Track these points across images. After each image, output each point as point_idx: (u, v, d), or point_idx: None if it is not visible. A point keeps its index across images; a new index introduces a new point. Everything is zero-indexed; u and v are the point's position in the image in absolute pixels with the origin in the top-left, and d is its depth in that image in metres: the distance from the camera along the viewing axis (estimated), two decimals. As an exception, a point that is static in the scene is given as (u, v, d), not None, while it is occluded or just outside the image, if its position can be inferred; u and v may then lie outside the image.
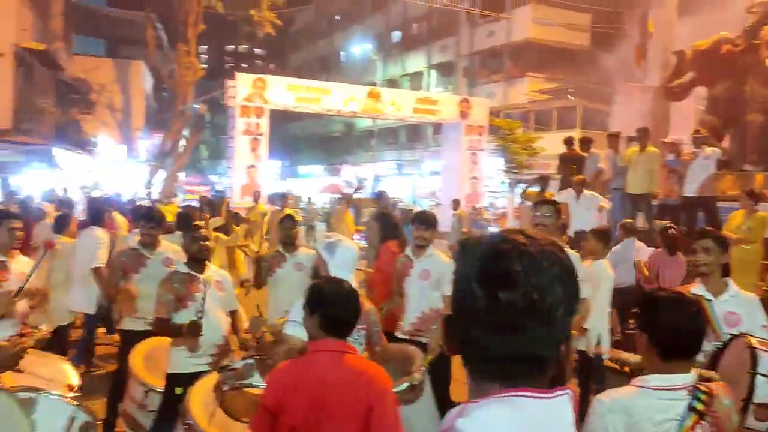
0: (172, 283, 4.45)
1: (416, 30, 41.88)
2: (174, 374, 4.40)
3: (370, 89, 24.06)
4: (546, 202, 5.00)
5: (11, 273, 4.54)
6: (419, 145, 39.95)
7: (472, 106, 25.22)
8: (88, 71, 29.58)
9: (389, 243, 6.31)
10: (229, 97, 21.46)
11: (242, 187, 20.76)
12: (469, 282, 1.12)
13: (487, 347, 1.11)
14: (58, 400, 3.03)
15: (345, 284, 2.89)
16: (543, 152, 25.31)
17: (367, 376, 2.63)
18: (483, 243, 1.16)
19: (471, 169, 25.16)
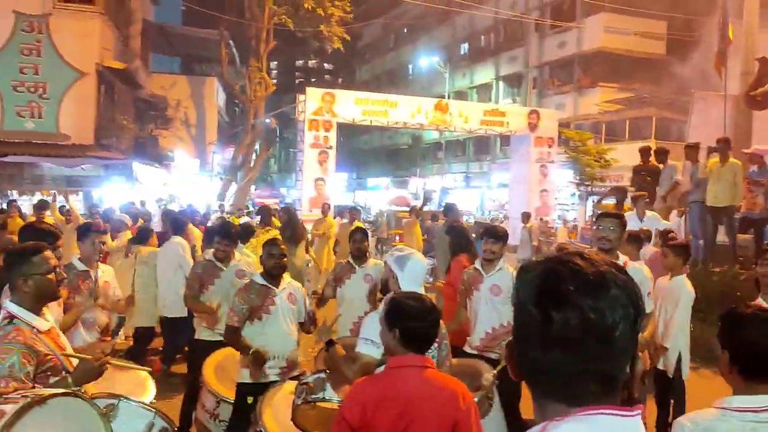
0: (248, 294, 4.53)
1: (484, 42, 41.71)
2: (245, 383, 4.47)
3: (437, 101, 24.06)
4: (609, 215, 4.85)
5: (93, 282, 4.74)
6: (487, 157, 39.64)
7: (541, 117, 24.88)
8: (165, 88, 30.74)
9: (460, 257, 6.25)
10: (299, 111, 21.88)
11: (310, 199, 21.07)
12: (525, 303, 1.15)
13: (547, 366, 1.13)
14: (137, 407, 3.12)
15: (425, 299, 2.87)
16: (616, 164, 24.67)
17: (451, 391, 2.63)
18: (538, 265, 1.18)
19: (540, 182, 24.79)
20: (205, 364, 4.92)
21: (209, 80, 33.41)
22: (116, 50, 24.07)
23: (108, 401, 2.96)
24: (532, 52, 36.55)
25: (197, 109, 32.45)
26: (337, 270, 6.16)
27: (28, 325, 2.88)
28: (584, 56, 33.19)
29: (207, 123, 32.93)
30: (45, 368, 2.83)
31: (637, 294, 1.13)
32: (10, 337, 2.78)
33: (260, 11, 26.94)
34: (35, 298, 2.95)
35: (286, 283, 4.67)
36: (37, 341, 2.85)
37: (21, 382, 2.66)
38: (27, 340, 2.80)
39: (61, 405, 2.30)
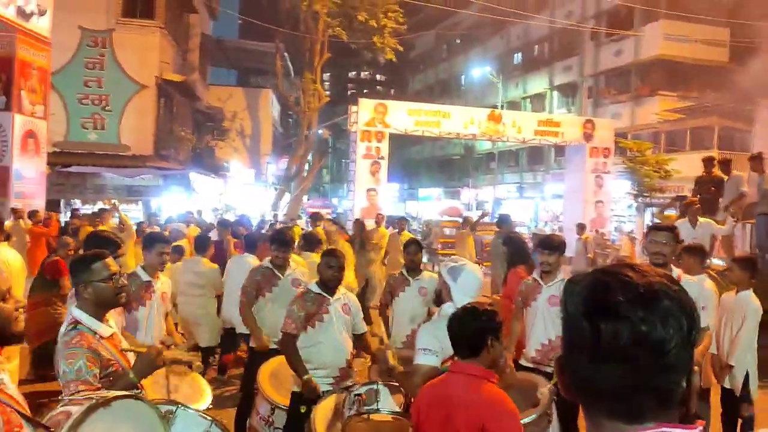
0: (304, 302, 4.55)
1: (538, 51, 41.30)
2: (299, 393, 4.49)
3: (490, 111, 23.90)
4: (661, 228, 4.70)
5: (155, 293, 4.85)
6: (541, 168, 39.15)
7: (596, 127, 24.44)
8: (221, 100, 31.46)
9: (518, 268, 6.16)
10: (352, 122, 22.05)
11: (362, 210, 21.14)
12: (574, 316, 1.12)
13: (599, 382, 1.09)
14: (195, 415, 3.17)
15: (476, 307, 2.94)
16: (677, 174, 24.02)
17: (484, 396, 2.70)
18: (586, 276, 1.15)
19: (596, 193, 24.31)
20: (261, 371, 4.96)
21: (264, 92, 34.04)
22: (175, 63, 24.76)
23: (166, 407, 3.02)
24: (588, 60, 36.00)
25: (253, 121, 33.08)
26: (391, 282, 6.15)
27: (91, 331, 2.96)
28: (642, 64, 32.48)
29: (262, 134, 33.52)
30: (107, 373, 2.91)
31: (691, 306, 1.10)
32: (74, 342, 2.87)
33: (315, 24, 27.33)
34: (95, 305, 3.03)
35: (341, 293, 4.68)
36: (100, 347, 2.93)
37: (89, 384, 2.75)
38: (91, 345, 2.89)
39: (124, 406, 2.36)
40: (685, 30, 30.37)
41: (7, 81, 12.96)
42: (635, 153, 24.79)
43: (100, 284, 3.03)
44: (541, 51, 40.96)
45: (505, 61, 43.01)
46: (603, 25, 34.22)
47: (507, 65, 42.72)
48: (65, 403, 2.25)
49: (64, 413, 2.15)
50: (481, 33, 44.68)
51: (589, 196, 24.12)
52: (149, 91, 22.64)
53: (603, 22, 34.50)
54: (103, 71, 22.20)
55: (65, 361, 2.81)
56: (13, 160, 12.91)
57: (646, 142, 26.68)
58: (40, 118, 13.97)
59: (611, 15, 34.12)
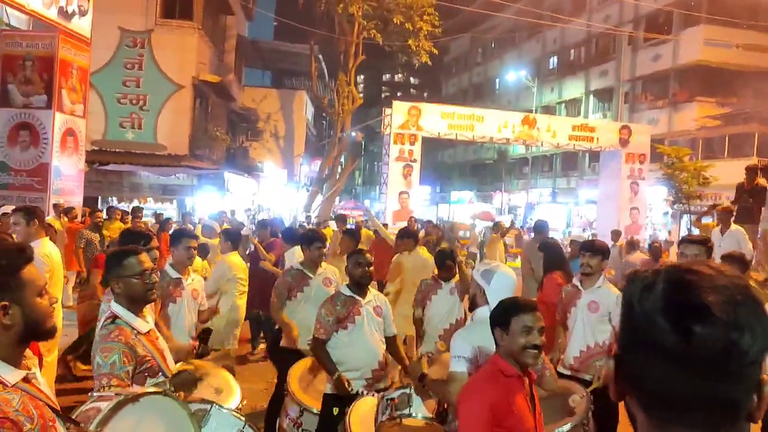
0: (334, 305, 4.51)
1: (574, 55, 40.84)
2: (331, 395, 4.45)
3: (524, 116, 23.71)
4: (693, 241, 4.58)
5: (184, 290, 4.84)
6: (575, 173, 38.70)
7: (632, 132, 24.10)
8: (256, 101, 31.70)
9: (554, 274, 6.06)
10: (385, 124, 22.04)
11: (394, 212, 21.13)
12: (650, 316, 1.00)
13: (669, 389, 0.99)
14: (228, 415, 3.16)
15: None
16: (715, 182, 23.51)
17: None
18: (663, 274, 1.04)
19: (631, 199, 23.99)
20: (291, 372, 4.93)
21: (298, 94, 34.22)
22: (212, 64, 25.01)
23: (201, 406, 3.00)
24: (625, 65, 35.47)
25: (286, 122, 33.26)
26: (422, 288, 6.09)
27: (129, 326, 2.97)
28: (681, 70, 31.89)
29: (295, 135, 33.68)
30: (143, 369, 2.91)
31: (765, 309, 1.00)
32: (112, 336, 2.88)
33: (350, 26, 27.38)
34: (127, 300, 3.05)
35: (372, 295, 4.64)
36: (137, 342, 2.94)
37: (121, 380, 2.75)
38: (128, 340, 2.89)
39: (152, 403, 2.34)
40: (725, 35, 29.73)
41: (48, 80, 13.19)
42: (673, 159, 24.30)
43: (131, 280, 3.05)
44: (577, 55, 40.50)
45: (541, 65, 42.64)
46: (641, 30, 33.69)
47: (542, 69, 42.34)
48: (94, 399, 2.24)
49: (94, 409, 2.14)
50: (517, 37, 44.37)
51: (623, 203, 23.79)
52: (186, 91, 22.90)
53: (641, 26, 33.96)
54: (141, 71, 22.52)
55: (101, 354, 2.83)
56: (53, 158, 13.14)
57: (684, 148, 26.18)
58: (80, 116, 14.19)
59: (650, 19, 33.58)
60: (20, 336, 1.84)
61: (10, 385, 1.76)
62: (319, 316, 4.51)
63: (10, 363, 1.81)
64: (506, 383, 2.81)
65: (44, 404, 1.82)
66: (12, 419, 1.68)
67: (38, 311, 1.87)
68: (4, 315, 1.80)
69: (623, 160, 23.90)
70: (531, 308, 2.91)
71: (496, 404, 2.73)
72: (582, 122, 26.02)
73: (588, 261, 4.96)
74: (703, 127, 29.79)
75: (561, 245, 6.84)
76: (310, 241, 5.63)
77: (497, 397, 2.74)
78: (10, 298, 1.81)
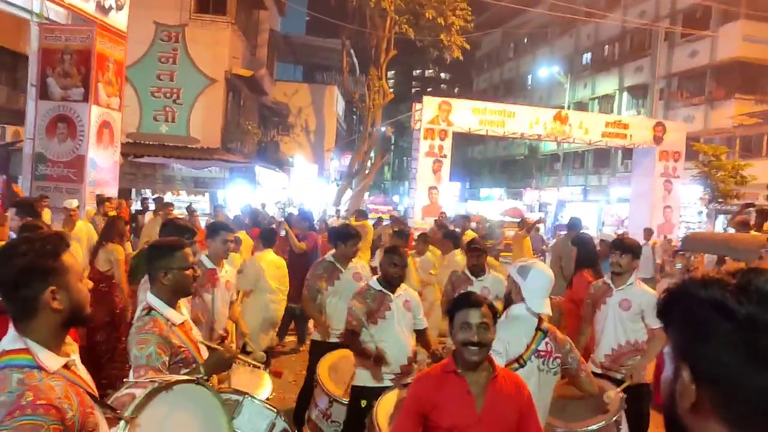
0: (365, 298, 4.54)
1: (608, 51, 40.26)
2: (359, 387, 4.47)
3: (556, 112, 23.44)
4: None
5: (219, 281, 4.90)
6: (607, 171, 38.21)
7: (667, 130, 23.67)
8: (287, 96, 31.87)
9: (585, 271, 5.98)
10: (416, 120, 21.96)
11: (423, 208, 21.08)
12: (756, 315, 0.96)
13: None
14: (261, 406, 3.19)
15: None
16: (753, 181, 23.02)
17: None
18: (744, 275, 0.99)
19: (664, 197, 23.58)
20: (320, 364, 4.97)
21: (329, 88, 34.31)
22: (244, 59, 25.21)
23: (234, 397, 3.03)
24: (660, 61, 34.86)
25: (317, 117, 33.39)
26: (453, 279, 6.07)
27: (164, 317, 3.00)
28: (718, 66, 31.23)
29: (326, 130, 33.80)
30: (177, 360, 2.94)
31: None
32: (147, 328, 2.91)
33: (381, 21, 27.33)
34: (172, 292, 3.06)
35: (402, 290, 4.64)
36: (171, 333, 2.97)
37: (157, 371, 2.78)
38: (163, 332, 2.92)
39: (186, 391, 2.37)
40: (765, 31, 29.04)
41: (85, 73, 13.41)
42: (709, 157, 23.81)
43: (181, 272, 3.05)
44: (611, 51, 39.92)
45: (574, 61, 42.13)
46: (678, 25, 33.07)
47: (575, 65, 41.84)
48: (130, 385, 2.28)
49: (129, 395, 2.17)
50: (550, 32, 43.89)
51: (657, 201, 23.42)
52: (219, 85, 23.13)
53: (678, 22, 33.33)
54: (175, 65, 22.79)
55: (137, 347, 2.86)
56: (89, 150, 13.37)
57: (721, 147, 25.67)
58: (115, 109, 14.41)
59: (687, 15, 32.94)
60: (64, 321, 1.87)
61: (52, 372, 1.78)
62: (350, 309, 4.54)
63: (52, 349, 1.83)
64: (442, 378, 2.81)
65: (84, 391, 1.85)
66: (56, 406, 1.70)
67: (82, 296, 1.91)
68: (53, 299, 1.82)
69: (657, 158, 23.50)
70: (474, 304, 2.85)
71: (423, 397, 2.78)
72: (615, 119, 25.64)
73: (618, 260, 4.89)
74: (741, 125, 29.17)
75: (594, 242, 6.70)
76: (346, 238, 5.66)
77: (425, 392, 2.79)
78: (58, 284, 1.84)
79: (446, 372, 2.81)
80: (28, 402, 1.66)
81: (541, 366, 3.34)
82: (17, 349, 1.79)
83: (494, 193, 50.05)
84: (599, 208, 37.16)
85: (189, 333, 3.11)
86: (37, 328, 1.82)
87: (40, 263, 1.83)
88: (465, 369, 2.79)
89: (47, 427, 1.65)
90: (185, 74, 22.73)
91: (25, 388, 1.69)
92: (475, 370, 2.79)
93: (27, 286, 1.81)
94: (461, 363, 2.80)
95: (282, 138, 31.37)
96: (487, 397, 2.76)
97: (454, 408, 2.74)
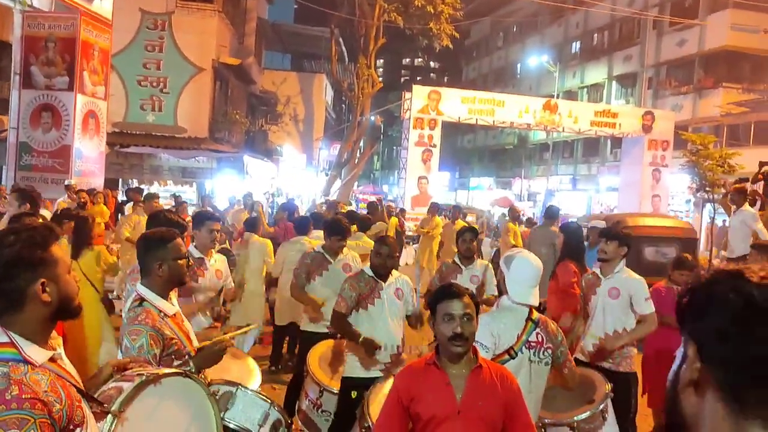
0: (358, 282, 4.55)
1: (597, 40, 40.29)
2: (349, 378, 4.47)
3: (546, 101, 23.51)
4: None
5: (207, 270, 4.88)
6: (596, 160, 38.34)
7: (656, 119, 23.83)
8: (275, 84, 31.69)
9: (569, 262, 5.96)
10: (405, 109, 21.94)
11: (413, 198, 21.11)
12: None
13: None
14: (255, 396, 3.19)
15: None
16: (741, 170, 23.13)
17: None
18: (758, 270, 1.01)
19: (653, 186, 23.77)
20: (310, 354, 4.97)
21: (318, 77, 34.14)
22: (232, 47, 25.02)
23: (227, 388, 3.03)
24: (649, 50, 34.94)
25: (306, 106, 33.24)
26: (443, 270, 6.07)
27: (156, 309, 3.00)
28: (706, 55, 31.35)
29: (315, 119, 33.65)
30: (169, 352, 2.94)
31: None
32: (140, 319, 2.90)
33: (370, 9, 27.20)
34: (166, 283, 3.07)
35: (394, 278, 4.64)
36: (164, 325, 2.97)
37: (148, 363, 2.76)
38: (155, 323, 2.92)
39: (174, 384, 2.37)
40: (753, 20, 29.15)
41: (70, 62, 13.30)
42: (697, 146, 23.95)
43: (174, 263, 3.05)
44: (600, 40, 39.95)
45: (563, 50, 42.14)
46: (666, 14, 33.12)
47: (564, 54, 41.84)
48: (117, 378, 2.26)
49: (116, 389, 2.15)
50: (539, 21, 43.83)
51: (645, 190, 23.58)
52: (206, 74, 22.95)
53: (667, 10, 33.37)
54: (161, 53, 22.58)
55: (129, 338, 2.86)
56: (75, 140, 13.27)
57: (710, 135, 25.79)
58: (101, 98, 14.30)
59: (675, 3, 32.99)
60: (52, 314, 1.84)
61: (38, 365, 1.76)
62: (341, 291, 4.55)
63: (37, 342, 1.80)
64: (424, 370, 2.81)
65: (70, 384, 1.83)
66: (42, 400, 1.68)
67: (70, 288, 1.88)
68: (43, 292, 1.80)
69: (646, 147, 23.65)
70: (456, 295, 2.83)
71: (403, 389, 2.79)
72: (604, 108, 25.74)
73: (604, 247, 4.89)
74: (729, 114, 29.32)
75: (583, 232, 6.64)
76: (331, 233, 5.63)
77: (406, 383, 2.81)
78: (47, 276, 1.81)
79: (428, 364, 2.81)
80: (14, 396, 1.64)
81: (532, 357, 3.34)
82: (1, 342, 1.76)
83: (484, 183, 50.09)
84: (588, 197, 37.33)
85: (181, 324, 3.12)
86: (24, 320, 1.79)
87: (29, 254, 1.79)
88: (449, 361, 2.79)
89: (34, 421, 1.63)
90: (172, 63, 22.54)
91: (10, 382, 1.67)
92: (457, 362, 2.79)
93: (15, 277, 1.78)
94: (445, 355, 2.80)
95: (270, 127, 31.20)
96: (467, 388, 2.74)
97: (432, 399, 2.73)
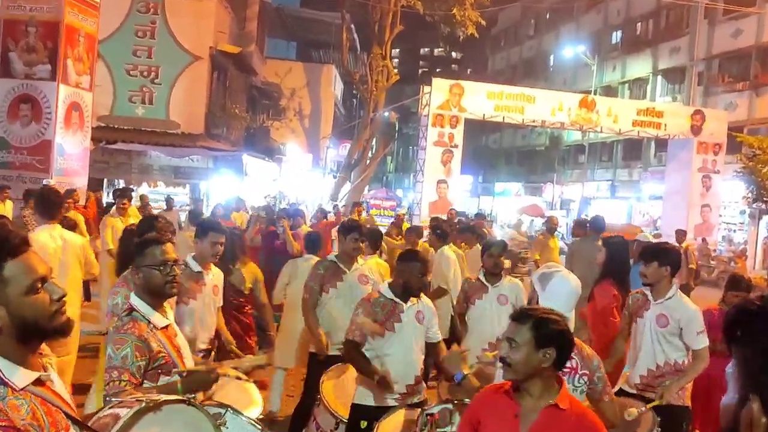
0: (373, 307, 4.46)
1: (640, 29, 40.19)
2: (359, 405, 4.46)
3: (582, 97, 23.45)
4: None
5: (206, 286, 4.91)
6: (638, 164, 38.20)
7: (706, 119, 23.71)
8: (279, 75, 31.81)
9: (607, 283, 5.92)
10: (423, 104, 21.92)
11: (431, 203, 21.04)
12: None
13: None
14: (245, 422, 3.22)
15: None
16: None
17: None
18: None
19: (702, 195, 23.63)
20: (324, 380, 4.94)
21: (327, 68, 34.24)
22: (231, 33, 25.14)
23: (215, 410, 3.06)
24: (700, 42, 34.81)
25: (312, 99, 33.33)
26: (466, 288, 6.04)
27: (145, 319, 3.09)
28: (765, 47, 31.20)
29: (322, 115, 33.72)
30: (156, 365, 3.03)
31: None
32: (125, 329, 3.00)
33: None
34: (145, 291, 3.16)
35: (416, 300, 4.58)
36: (152, 337, 3.04)
37: (132, 375, 2.89)
38: (142, 334, 3.01)
39: (175, 412, 2.39)
40: (818, 8, 29.03)
41: (52, 48, 13.35)
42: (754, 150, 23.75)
43: (151, 270, 3.15)
44: (644, 29, 39.84)
45: (602, 41, 42.05)
46: (719, 1, 33.01)
47: (604, 45, 41.75)
48: (113, 404, 2.28)
49: (112, 416, 2.18)
50: (575, 7, 43.80)
51: (694, 199, 23.45)
52: (202, 63, 23.03)
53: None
54: (153, 40, 22.69)
55: (113, 346, 2.96)
56: (56, 134, 13.32)
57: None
58: (86, 89, 14.37)
59: (731, -11, 32.89)
60: (18, 336, 1.78)
61: (18, 389, 1.73)
62: (354, 316, 4.48)
63: (20, 363, 1.77)
64: (496, 397, 2.85)
65: (58, 410, 1.82)
66: (18, 428, 1.66)
67: (28, 310, 1.78)
68: None
69: (695, 150, 23.53)
70: (514, 317, 2.84)
71: (474, 411, 2.91)
72: (648, 106, 25.64)
73: (644, 270, 4.77)
74: (790, 114, 29.17)
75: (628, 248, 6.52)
76: (346, 231, 5.66)
77: (477, 406, 2.92)
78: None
79: (505, 390, 2.83)
80: None
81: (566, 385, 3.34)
82: None
83: (511, 188, 49.98)
84: (629, 206, 37.18)
85: (172, 338, 3.18)
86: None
87: None
88: (512, 388, 2.82)
89: None
90: (165, 50, 22.65)
91: None
92: (528, 392, 2.78)
93: None
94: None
95: (273, 123, 31.34)
96: (535, 424, 2.71)
97: (496, 428, 2.76)
